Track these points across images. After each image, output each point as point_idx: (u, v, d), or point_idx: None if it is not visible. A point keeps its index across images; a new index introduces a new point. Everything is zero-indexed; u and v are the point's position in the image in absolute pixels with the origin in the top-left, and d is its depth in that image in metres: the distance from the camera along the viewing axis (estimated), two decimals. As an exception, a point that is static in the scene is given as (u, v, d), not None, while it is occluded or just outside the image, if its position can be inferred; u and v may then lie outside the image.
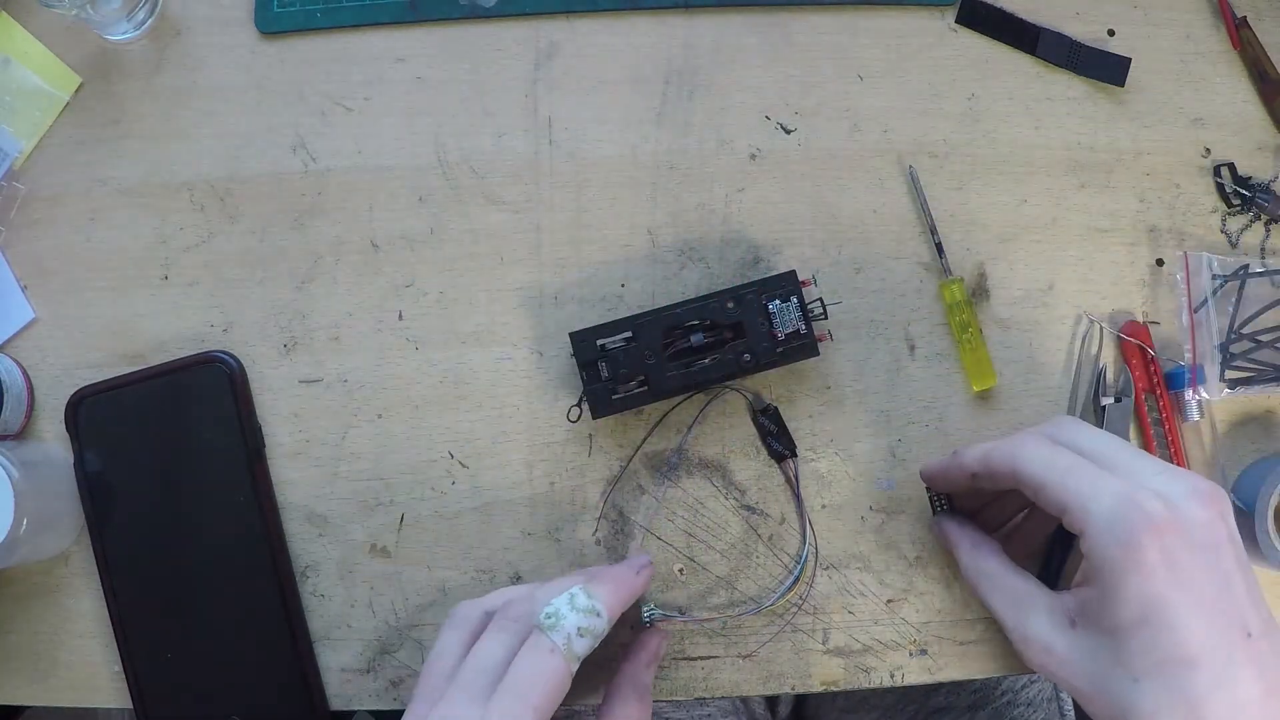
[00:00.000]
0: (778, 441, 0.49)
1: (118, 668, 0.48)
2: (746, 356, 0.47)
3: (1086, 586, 0.39)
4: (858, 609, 0.49)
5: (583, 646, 0.39)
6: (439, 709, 0.37)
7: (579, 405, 0.50)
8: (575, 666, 0.38)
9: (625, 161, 0.52)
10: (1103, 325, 0.51)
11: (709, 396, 0.50)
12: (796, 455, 0.49)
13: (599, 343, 0.47)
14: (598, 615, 0.39)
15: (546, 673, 0.37)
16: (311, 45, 0.52)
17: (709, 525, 0.49)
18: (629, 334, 0.47)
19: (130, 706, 0.48)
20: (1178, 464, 0.50)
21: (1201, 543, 0.37)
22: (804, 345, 0.47)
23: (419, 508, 0.49)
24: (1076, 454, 0.40)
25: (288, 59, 0.52)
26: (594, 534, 0.49)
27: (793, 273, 0.47)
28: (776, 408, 0.49)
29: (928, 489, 0.49)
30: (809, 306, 0.47)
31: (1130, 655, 0.36)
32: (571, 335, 0.47)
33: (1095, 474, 0.38)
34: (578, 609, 0.39)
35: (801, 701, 0.70)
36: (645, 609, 0.46)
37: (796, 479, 0.49)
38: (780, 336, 0.47)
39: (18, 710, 0.64)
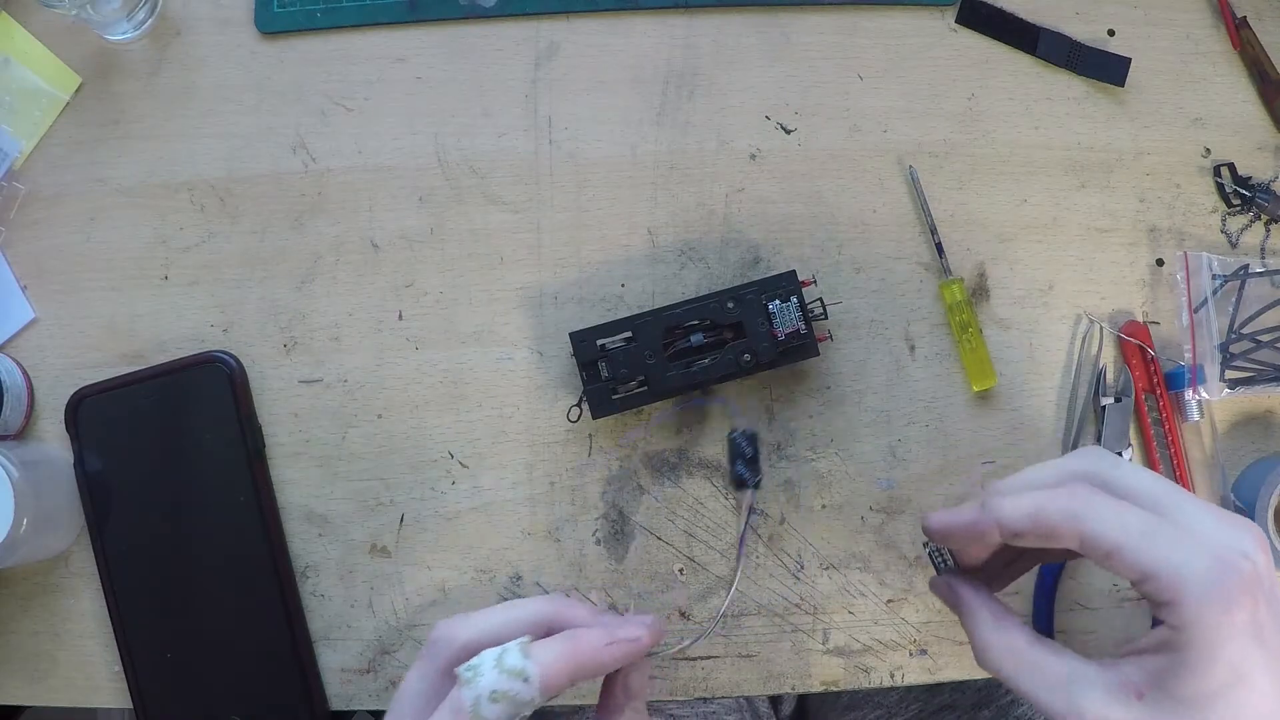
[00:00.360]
0: (746, 468, 0.47)
1: (118, 668, 0.48)
2: (746, 356, 0.47)
3: (1157, 655, 0.35)
4: (858, 609, 0.49)
5: (494, 714, 0.33)
6: None
7: (579, 405, 0.50)
8: None
9: (625, 161, 0.52)
10: (1103, 325, 0.51)
11: (708, 398, 0.50)
12: (759, 488, 0.47)
13: (599, 343, 0.47)
14: (524, 681, 0.34)
15: None
16: (311, 45, 0.52)
17: (709, 525, 0.49)
18: (629, 334, 0.47)
19: (130, 706, 0.48)
20: (1178, 464, 0.50)
21: (1271, 595, 0.35)
22: (804, 345, 0.47)
23: (419, 508, 0.49)
24: (1140, 508, 0.36)
25: (288, 59, 0.52)
26: (594, 534, 0.49)
27: (793, 273, 0.47)
28: (756, 432, 0.47)
29: (926, 544, 0.42)
30: (809, 306, 0.47)
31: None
32: (571, 335, 0.47)
33: (1176, 536, 0.35)
34: (503, 669, 0.33)
35: (804, 699, 0.70)
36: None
37: (749, 512, 0.47)
38: (780, 336, 0.47)
39: (18, 710, 0.65)
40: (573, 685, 0.35)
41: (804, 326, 0.47)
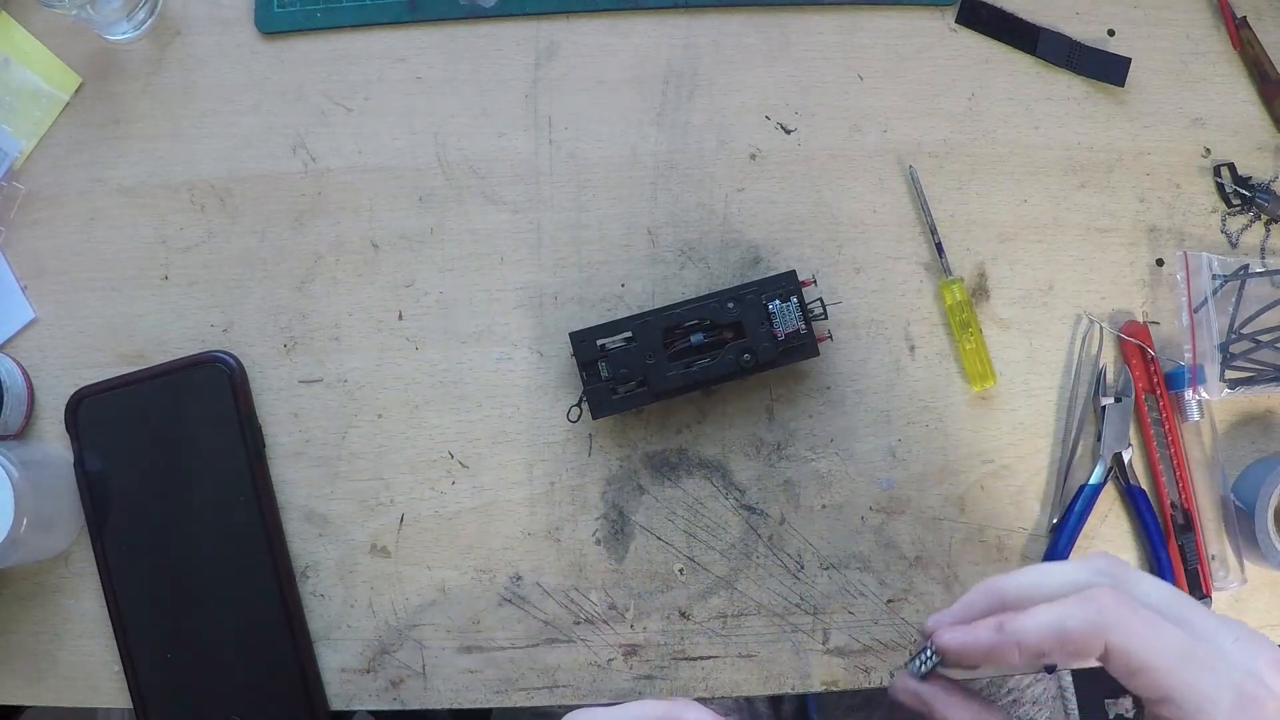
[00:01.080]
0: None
1: (118, 668, 0.48)
2: (746, 356, 0.47)
3: None
4: (858, 609, 0.49)
5: None
6: None
7: (579, 405, 0.49)
8: None
9: (625, 161, 0.52)
10: (1103, 325, 0.51)
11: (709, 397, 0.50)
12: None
13: (599, 343, 0.47)
14: None
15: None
16: (311, 45, 0.52)
17: (709, 525, 0.49)
18: (629, 334, 0.47)
19: (130, 706, 0.48)
20: (1178, 464, 0.50)
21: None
22: (804, 345, 0.47)
23: (419, 508, 0.49)
24: (1175, 626, 0.33)
25: (288, 59, 0.52)
26: (594, 534, 0.49)
27: (793, 273, 0.47)
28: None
29: (926, 649, 0.36)
30: (809, 306, 0.47)
31: None
32: (571, 335, 0.47)
33: (1206, 658, 0.33)
34: None
35: (805, 700, 0.70)
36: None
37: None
38: (780, 336, 0.47)
39: (18, 710, 0.65)
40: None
41: (804, 326, 0.47)
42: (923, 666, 0.36)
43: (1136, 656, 0.32)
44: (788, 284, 0.47)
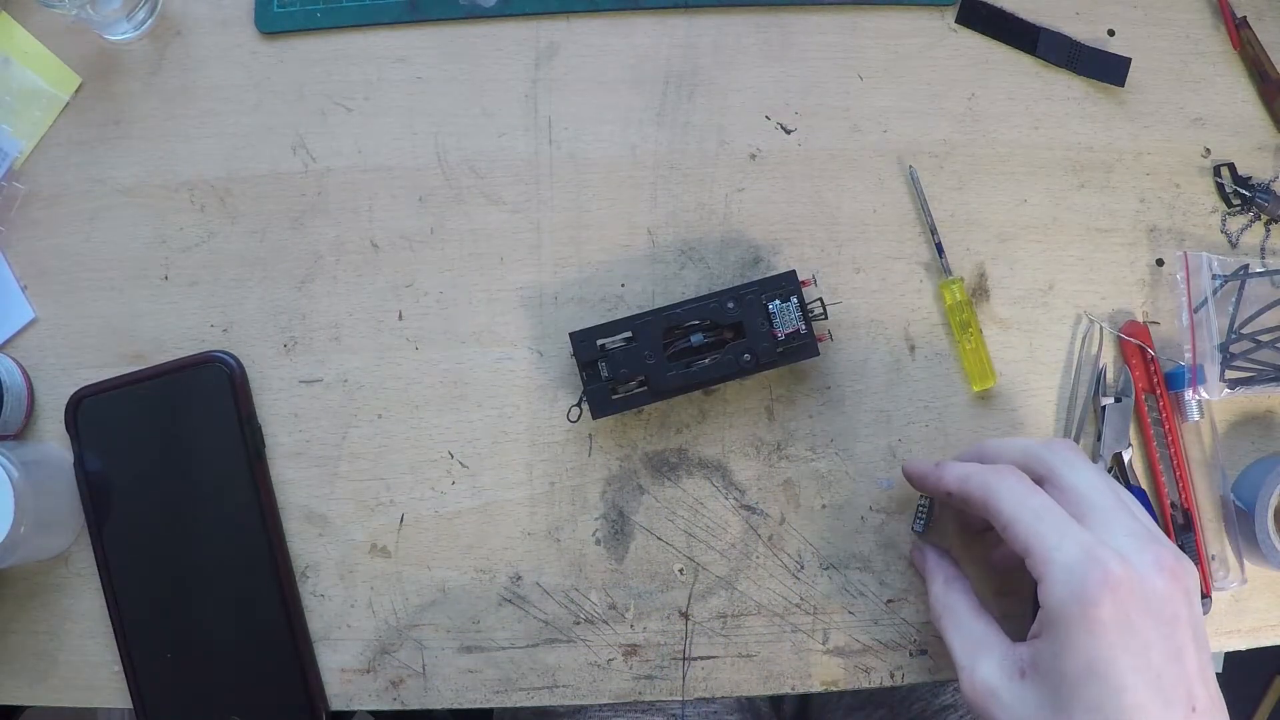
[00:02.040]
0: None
1: (118, 668, 0.48)
2: (746, 356, 0.47)
3: (1039, 639, 0.39)
4: (858, 609, 0.49)
5: None
6: None
7: (579, 405, 0.49)
8: None
9: (625, 161, 0.52)
10: (1103, 325, 0.51)
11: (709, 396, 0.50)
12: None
13: (599, 343, 0.47)
14: None
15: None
16: (311, 45, 0.52)
17: (709, 525, 0.49)
18: (629, 334, 0.47)
19: (130, 706, 0.48)
20: (1178, 464, 0.50)
21: (1158, 612, 0.37)
22: (804, 345, 0.47)
23: (419, 508, 0.49)
24: (1053, 494, 0.40)
25: (288, 59, 0.52)
26: (594, 534, 0.49)
27: (793, 273, 0.47)
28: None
29: (921, 500, 0.49)
30: (809, 306, 0.47)
31: (1074, 712, 0.36)
32: (571, 335, 0.47)
33: (1064, 522, 0.38)
34: None
35: (806, 698, 0.70)
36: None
37: None
38: (780, 336, 0.47)
39: (18, 710, 0.65)
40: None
41: (804, 326, 0.47)
42: (918, 520, 0.49)
43: (1003, 512, 0.40)
44: (788, 284, 0.47)
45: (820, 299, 0.48)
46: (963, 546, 0.50)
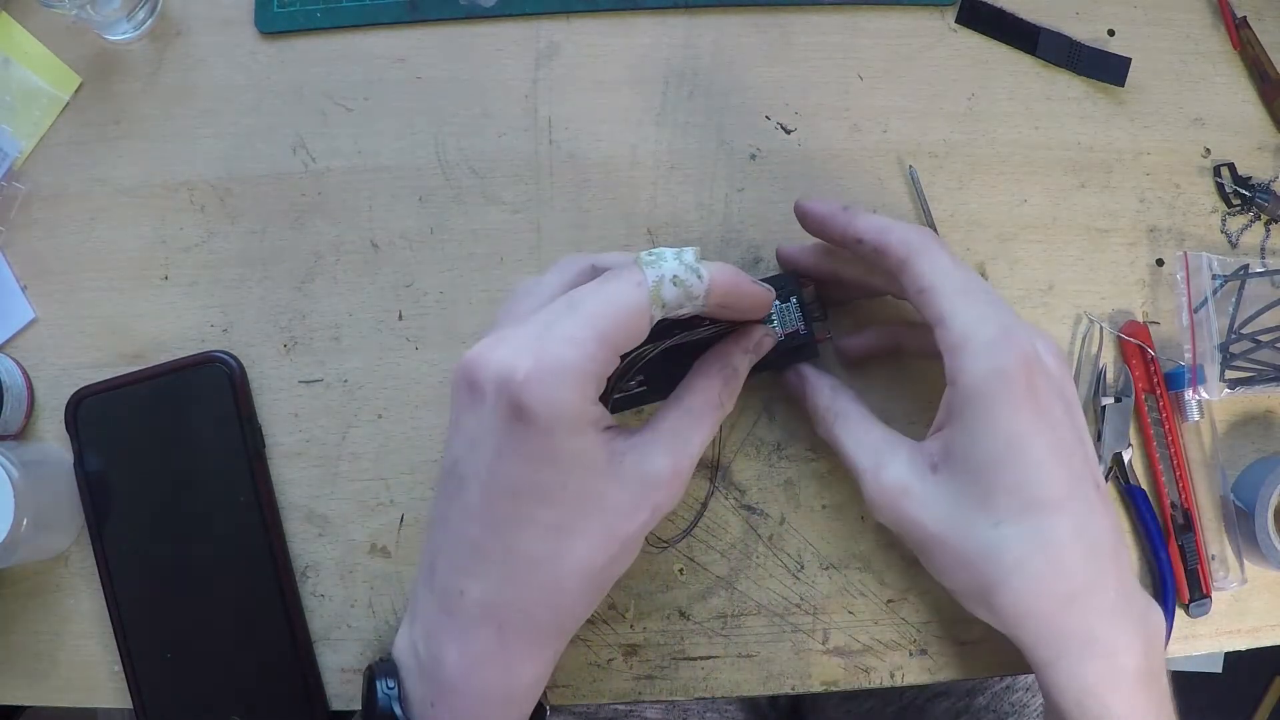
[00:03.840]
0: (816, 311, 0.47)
1: (118, 668, 0.48)
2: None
3: (950, 427, 0.38)
4: (858, 609, 0.49)
5: (671, 295, 0.35)
6: (503, 328, 0.36)
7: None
8: (656, 314, 0.35)
9: (625, 161, 0.52)
10: (1103, 325, 0.51)
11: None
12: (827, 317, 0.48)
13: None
14: (698, 278, 0.36)
15: (621, 299, 0.34)
16: (311, 45, 0.52)
17: (709, 525, 0.49)
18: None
19: (130, 706, 0.48)
20: (1178, 464, 0.50)
21: (1060, 392, 0.38)
22: (804, 345, 0.47)
23: (419, 508, 0.49)
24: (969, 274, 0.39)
25: (288, 59, 0.52)
26: (594, 534, 0.49)
27: (794, 273, 0.47)
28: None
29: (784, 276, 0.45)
30: (809, 307, 0.47)
31: (995, 496, 0.36)
32: None
33: (987, 300, 0.38)
34: (683, 261, 0.36)
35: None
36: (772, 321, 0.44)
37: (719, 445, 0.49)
38: (780, 336, 0.47)
39: (18, 710, 0.65)
40: (723, 306, 0.38)
41: (804, 326, 0.47)
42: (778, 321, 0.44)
43: (927, 278, 0.38)
44: (788, 284, 0.47)
45: (820, 299, 0.48)
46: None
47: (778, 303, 0.47)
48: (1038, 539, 0.36)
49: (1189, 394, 0.50)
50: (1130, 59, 0.52)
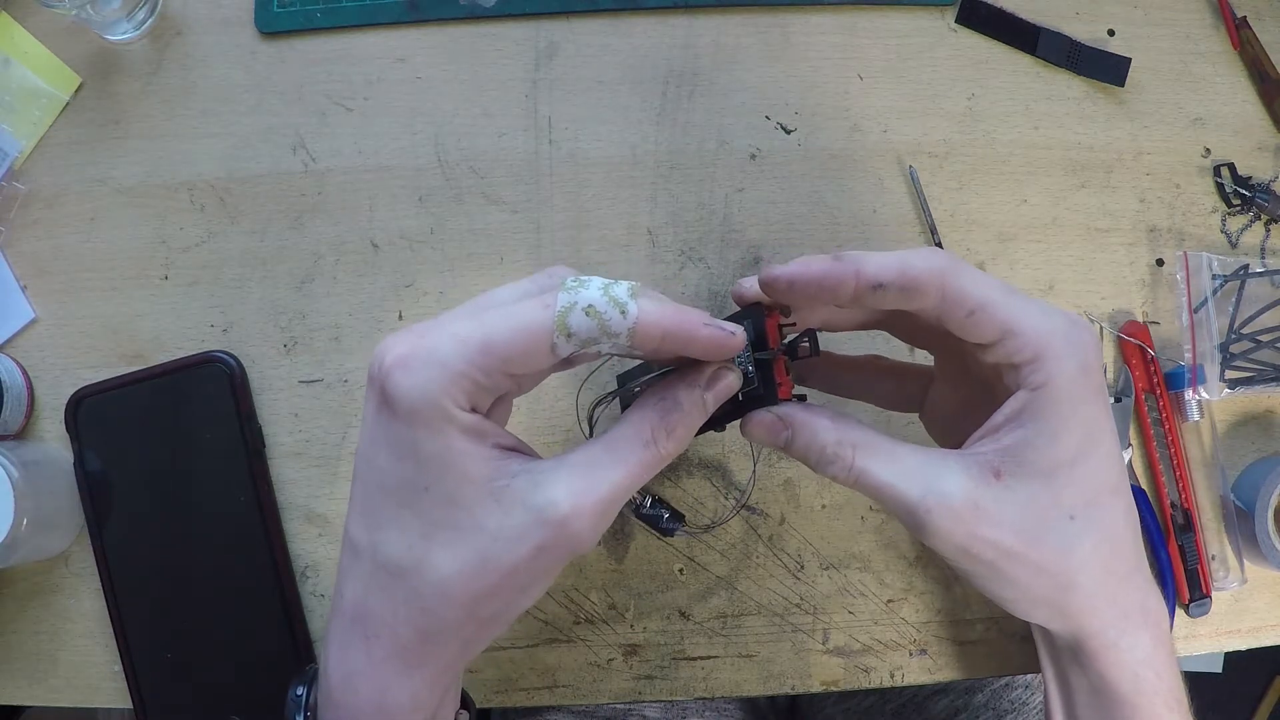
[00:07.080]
0: (669, 519, 0.47)
1: (118, 668, 0.48)
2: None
3: (1023, 428, 0.34)
4: (858, 609, 0.49)
5: (581, 326, 0.31)
6: (427, 323, 0.34)
7: (594, 415, 0.49)
8: (561, 343, 0.32)
9: (625, 161, 0.52)
10: (1103, 325, 0.51)
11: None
12: (684, 521, 0.48)
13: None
14: (621, 313, 0.31)
15: (521, 316, 0.32)
16: (311, 45, 0.52)
17: (709, 525, 0.49)
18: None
19: (130, 706, 0.48)
20: (1178, 464, 0.50)
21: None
22: (760, 397, 0.46)
23: (419, 508, 0.49)
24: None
25: (288, 59, 0.52)
26: (594, 534, 0.49)
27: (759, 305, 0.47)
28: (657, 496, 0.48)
29: (739, 359, 0.37)
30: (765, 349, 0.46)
31: (1066, 490, 0.34)
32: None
33: (1031, 299, 0.35)
34: (608, 294, 0.32)
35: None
36: (739, 359, 0.36)
37: (755, 456, 0.49)
38: (750, 372, 0.46)
39: (18, 710, 0.65)
40: (657, 349, 0.33)
41: (755, 377, 0.46)
42: (754, 376, 0.36)
43: (973, 297, 0.33)
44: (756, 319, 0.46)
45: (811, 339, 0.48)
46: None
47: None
48: (1104, 525, 0.35)
49: (1189, 394, 0.50)
50: (1130, 59, 0.52)
